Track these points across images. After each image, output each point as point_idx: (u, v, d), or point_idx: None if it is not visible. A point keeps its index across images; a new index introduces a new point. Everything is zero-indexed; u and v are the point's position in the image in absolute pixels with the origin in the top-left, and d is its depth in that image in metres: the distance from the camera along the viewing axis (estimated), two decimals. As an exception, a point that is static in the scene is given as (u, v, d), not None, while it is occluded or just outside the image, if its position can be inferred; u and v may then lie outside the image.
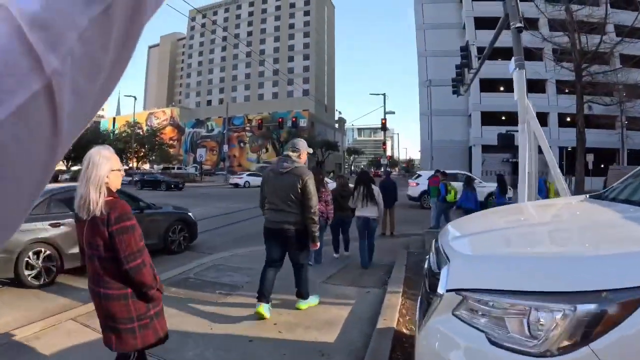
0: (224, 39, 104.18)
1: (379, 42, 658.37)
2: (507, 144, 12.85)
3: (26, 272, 7.01)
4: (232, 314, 5.38)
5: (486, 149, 44.04)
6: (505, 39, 18.09)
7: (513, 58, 13.57)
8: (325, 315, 5.34)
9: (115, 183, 3.02)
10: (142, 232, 2.97)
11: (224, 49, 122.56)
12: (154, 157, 70.01)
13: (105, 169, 2.88)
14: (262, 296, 5.24)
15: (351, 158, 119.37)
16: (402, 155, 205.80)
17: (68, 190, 7.64)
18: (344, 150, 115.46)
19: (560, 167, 29.79)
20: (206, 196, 29.15)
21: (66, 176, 50.15)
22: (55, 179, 49.71)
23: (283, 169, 5.23)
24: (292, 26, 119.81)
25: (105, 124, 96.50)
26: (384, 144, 49.63)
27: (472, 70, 20.07)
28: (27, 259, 7.04)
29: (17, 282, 7.01)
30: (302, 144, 5.51)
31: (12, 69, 0.32)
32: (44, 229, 7.35)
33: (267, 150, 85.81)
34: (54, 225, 7.46)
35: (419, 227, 13.34)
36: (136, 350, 3.02)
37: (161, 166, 63.50)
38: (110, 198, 2.87)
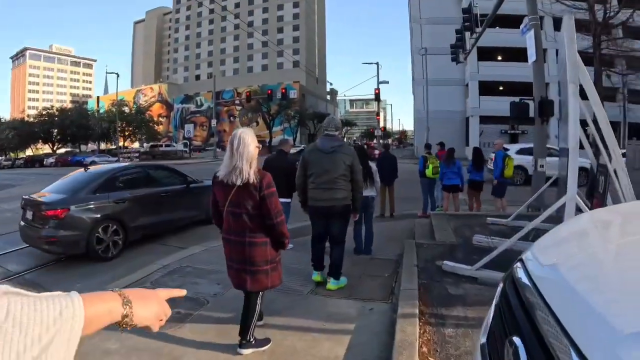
0: (211, 11, 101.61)
1: (371, 10, 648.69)
2: (522, 115, 11.40)
3: (97, 247, 7.66)
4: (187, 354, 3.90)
5: (484, 119, 42.92)
6: (506, 6, 17.08)
7: (526, 18, 12.33)
8: (313, 354, 3.85)
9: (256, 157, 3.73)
10: (190, 205, 6.05)
11: (211, 22, 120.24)
12: (142, 136, 68.10)
13: (253, 146, 3.67)
14: (317, 265, 5.73)
15: (344, 130, 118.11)
16: (395, 126, 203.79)
17: (126, 170, 9.37)
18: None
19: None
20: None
21: (51, 160, 49.20)
22: (40, 163, 49.01)
23: (333, 147, 5.38)
24: None
25: (93, 104, 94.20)
26: (378, 114, 48.11)
27: (474, 36, 18.76)
28: (97, 234, 7.68)
29: (89, 256, 7.64)
30: (339, 122, 5.89)
31: None
32: (110, 206, 8.06)
33: (257, 123, 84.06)
34: (117, 202, 8.21)
35: (418, 203, 12.01)
36: (265, 289, 3.91)
37: (150, 144, 61.41)
38: (258, 169, 3.72)
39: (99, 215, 7.79)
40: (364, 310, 4.76)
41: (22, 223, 7.97)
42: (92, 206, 7.79)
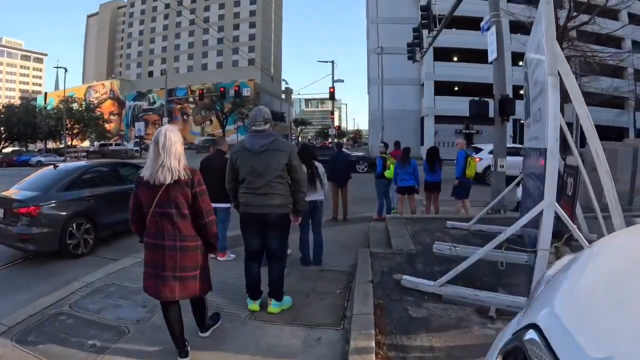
0: (167, 6, 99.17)
1: (329, 9, 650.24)
2: (481, 113, 10.93)
3: (69, 242, 7.56)
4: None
5: (439, 119, 43.12)
6: (463, 8, 16.77)
7: (487, 15, 11.84)
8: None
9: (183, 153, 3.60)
10: None
11: (166, 17, 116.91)
12: (91, 135, 65.67)
13: (180, 143, 3.54)
14: (252, 294, 4.79)
15: (298, 129, 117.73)
16: (350, 126, 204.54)
17: (96, 167, 9.38)
18: (291, 121, 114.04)
19: (516, 139, 28.98)
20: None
21: None
22: None
23: (262, 146, 4.55)
24: None
25: (42, 100, 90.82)
26: (332, 113, 47.45)
27: (432, 34, 18.33)
28: (71, 228, 7.60)
29: (61, 253, 7.51)
30: (269, 112, 4.81)
31: None
32: (81, 203, 8.03)
33: (211, 122, 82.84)
34: (88, 199, 8.18)
35: (373, 205, 11.33)
36: (193, 296, 3.72)
37: (100, 143, 59.56)
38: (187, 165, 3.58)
39: (71, 212, 7.74)
40: (311, 340, 3.94)
41: None
42: (64, 203, 7.74)
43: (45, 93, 73.12)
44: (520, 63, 31.64)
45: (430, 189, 10.55)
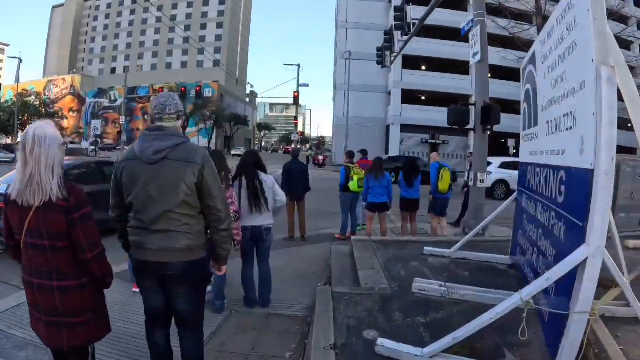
0: (134, 1, 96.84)
1: (298, 14, 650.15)
2: (461, 121, 9.77)
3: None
4: None
5: (405, 128, 42.30)
6: (435, 17, 15.81)
7: (471, 14, 10.75)
8: None
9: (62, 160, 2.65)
10: None
11: (132, 12, 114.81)
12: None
13: (56, 146, 2.53)
14: None
15: (262, 134, 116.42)
16: (314, 132, 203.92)
17: (81, 165, 9.59)
18: (254, 125, 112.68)
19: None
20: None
21: None
22: None
23: (158, 152, 2.80)
24: None
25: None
26: (296, 119, 46.16)
27: (403, 38, 17.19)
28: None
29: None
30: (177, 101, 3.07)
31: None
32: None
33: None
34: None
35: (337, 220, 10.02)
36: (88, 344, 2.80)
37: None
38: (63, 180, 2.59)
39: None
40: None
41: None
42: None
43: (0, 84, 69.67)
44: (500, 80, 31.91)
45: (408, 207, 9.17)
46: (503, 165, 20.12)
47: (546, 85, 4.33)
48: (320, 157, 47.12)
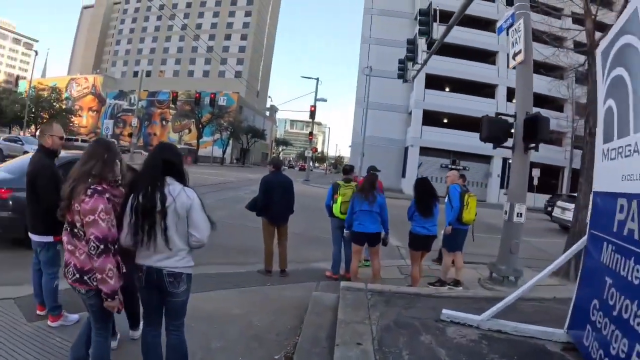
0: (161, 7, 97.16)
1: (324, 30, 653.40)
2: (498, 136, 7.70)
3: None
4: None
5: (424, 151, 39.87)
6: (461, 35, 13.97)
7: (510, 10, 8.82)
8: None
9: None
10: None
11: (159, 18, 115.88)
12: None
13: None
14: None
15: (280, 149, 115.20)
16: (332, 151, 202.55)
17: None
18: (273, 140, 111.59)
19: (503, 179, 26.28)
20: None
21: None
22: None
23: None
24: (234, 3, 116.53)
25: (25, 86, 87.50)
26: (311, 134, 44.13)
27: (427, 52, 15.19)
28: None
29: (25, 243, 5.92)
30: None
31: None
32: None
33: (190, 131, 79.67)
34: None
35: (328, 246, 7.94)
36: None
37: (65, 137, 55.66)
38: None
39: None
40: None
41: None
42: None
43: (18, 76, 69.13)
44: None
45: (422, 246, 6.76)
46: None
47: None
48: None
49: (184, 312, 3.22)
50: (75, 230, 2.98)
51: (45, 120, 56.79)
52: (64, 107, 62.81)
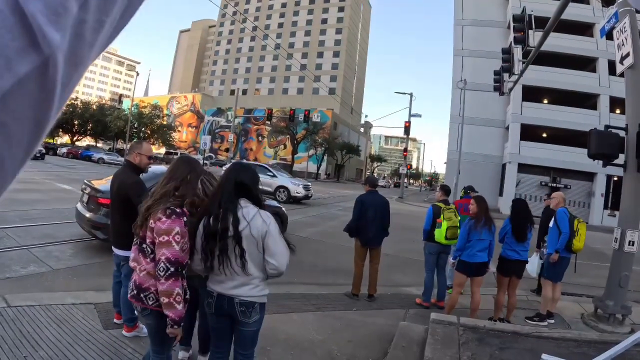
0: (254, 29, 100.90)
1: (416, 44, 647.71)
2: (609, 152, 7.06)
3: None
4: None
5: (522, 168, 37.64)
6: (559, 43, 13.00)
7: (612, 9, 8.09)
8: None
9: None
10: None
11: (252, 39, 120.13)
12: (157, 141, 65.88)
13: None
14: None
15: (374, 165, 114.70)
16: (427, 167, 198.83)
17: None
18: (367, 156, 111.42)
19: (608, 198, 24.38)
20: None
21: (64, 150, 49.22)
22: (54, 151, 47.03)
23: None
24: (324, 21, 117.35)
25: (128, 103, 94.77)
26: (405, 150, 42.88)
27: (524, 60, 14.43)
28: None
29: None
30: None
31: (6, 47, 0.27)
32: None
33: (285, 147, 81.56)
34: None
35: (419, 269, 7.56)
36: None
37: (165, 151, 63.12)
38: None
39: None
40: None
41: (79, 205, 8.15)
42: None
43: (121, 95, 74.81)
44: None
45: (512, 272, 6.33)
46: None
47: None
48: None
49: (255, 342, 3.13)
50: (144, 245, 2.98)
51: (147, 135, 60.72)
52: (164, 122, 66.46)
